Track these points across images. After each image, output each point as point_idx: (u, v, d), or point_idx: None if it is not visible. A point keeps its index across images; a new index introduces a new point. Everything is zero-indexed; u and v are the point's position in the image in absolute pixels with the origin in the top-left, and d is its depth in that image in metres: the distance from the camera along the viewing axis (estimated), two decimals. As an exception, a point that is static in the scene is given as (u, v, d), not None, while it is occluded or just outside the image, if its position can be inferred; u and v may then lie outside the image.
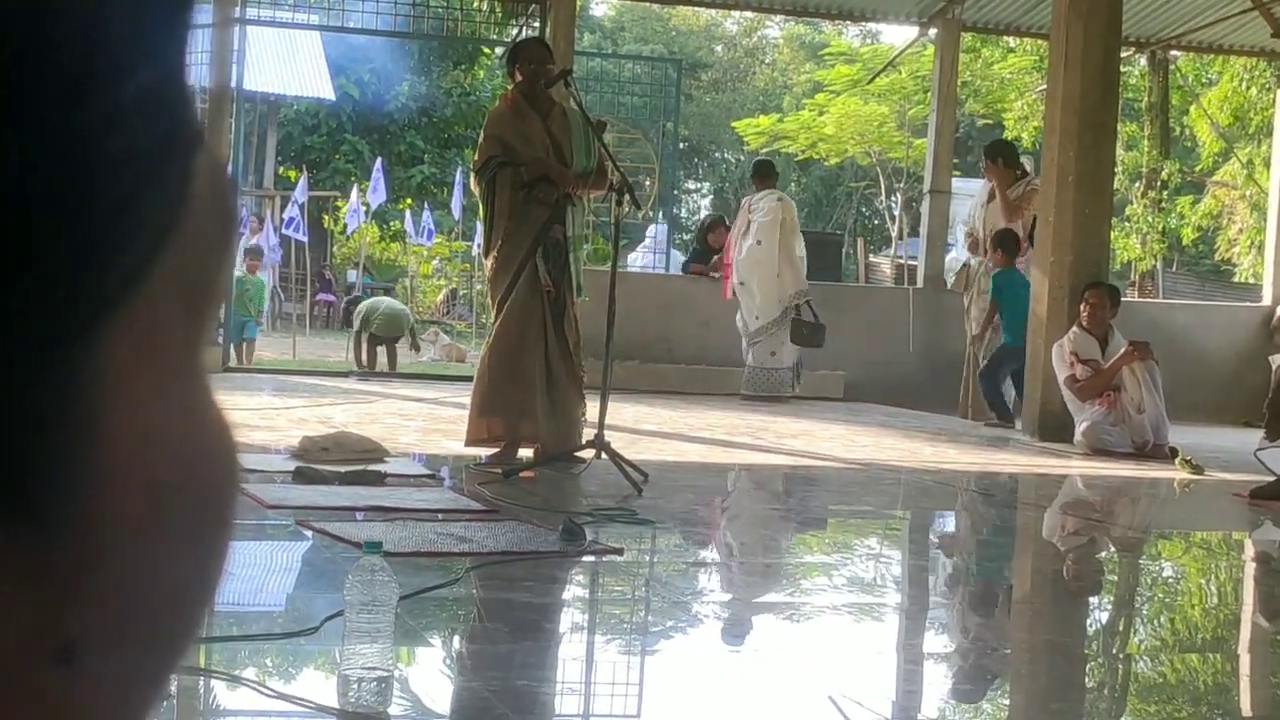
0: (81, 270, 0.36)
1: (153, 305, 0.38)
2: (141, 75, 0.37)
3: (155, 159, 0.37)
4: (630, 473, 7.94)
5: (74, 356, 0.36)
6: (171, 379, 0.40)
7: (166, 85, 0.38)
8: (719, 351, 15.93)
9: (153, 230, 0.38)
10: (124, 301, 0.37)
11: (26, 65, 0.34)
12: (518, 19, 16.92)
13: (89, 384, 0.37)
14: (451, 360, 20.18)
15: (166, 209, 0.38)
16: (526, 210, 8.49)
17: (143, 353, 0.38)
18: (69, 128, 0.35)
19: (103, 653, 0.38)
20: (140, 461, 0.39)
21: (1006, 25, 19.02)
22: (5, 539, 0.36)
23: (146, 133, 0.37)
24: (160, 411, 0.39)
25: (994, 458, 11.14)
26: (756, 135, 32.43)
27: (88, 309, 0.36)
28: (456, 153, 31.84)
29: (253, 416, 10.61)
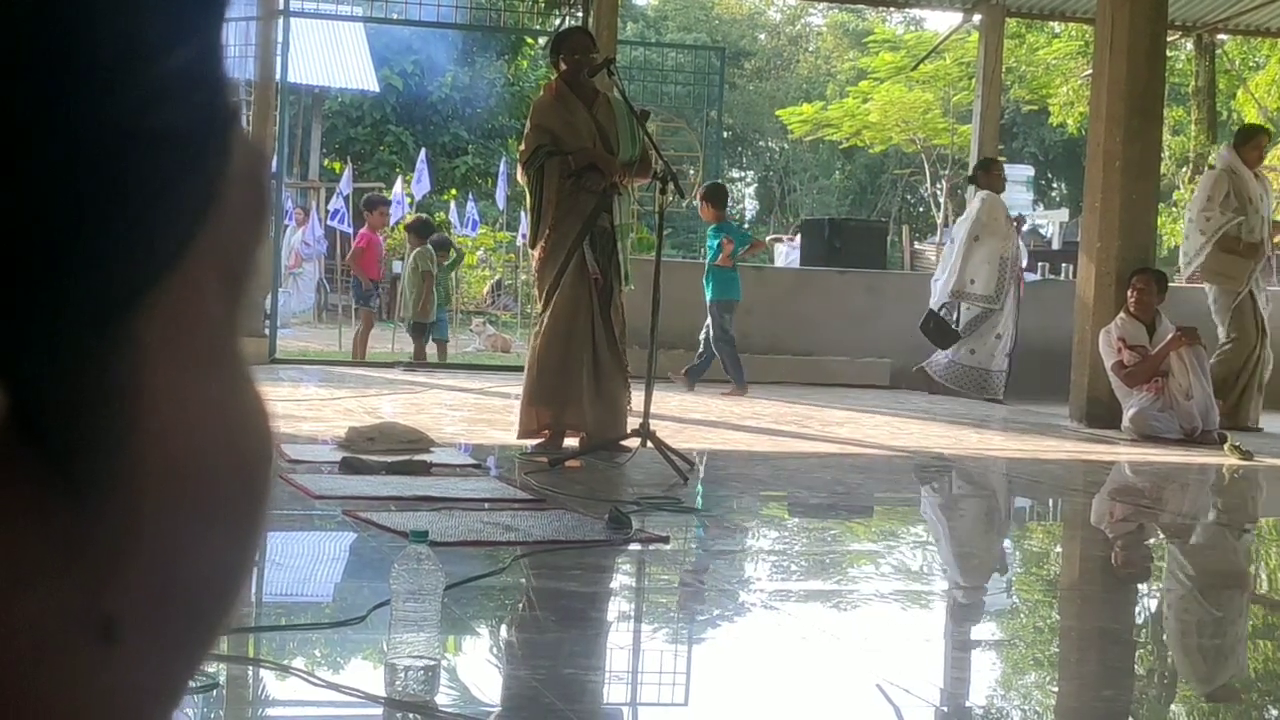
0: (122, 248, 0.36)
1: (191, 284, 0.38)
2: (179, 54, 0.37)
3: (193, 137, 0.37)
4: (676, 461, 7.94)
5: (115, 333, 0.36)
6: (209, 358, 0.40)
7: (203, 64, 0.38)
8: (763, 339, 15.90)
9: (191, 208, 0.38)
10: (164, 279, 0.37)
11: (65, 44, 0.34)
12: (561, 9, 16.92)
13: (129, 360, 0.37)
14: (496, 350, 20.20)
15: (204, 187, 0.38)
16: (574, 199, 8.49)
17: (182, 330, 0.38)
18: (108, 106, 0.35)
19: (140, 631, 0.39)
20: (178, 439, 0.38)
21: (1051, 10, 18.92)
22: (49, 511, 0.36)
23: (184, 111, 0.37)
24: (198, 390, 0.39)
25: (1041, 445, 11.09)
26: (800, 123, 32.35)
27: (128, 286, 0.36)
28: (500, 143, 31.86)
29: (299, 407, 10.65)
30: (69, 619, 0.37)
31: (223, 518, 0.41)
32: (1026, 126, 37.50)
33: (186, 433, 0.39)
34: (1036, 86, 29.36)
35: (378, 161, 31.73)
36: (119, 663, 0.38)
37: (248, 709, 3.93)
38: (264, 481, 0.42)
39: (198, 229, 0.38)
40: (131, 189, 0.35)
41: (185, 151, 0.37)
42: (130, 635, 0.38)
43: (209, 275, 0.39)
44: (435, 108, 32.53)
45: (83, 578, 0.37)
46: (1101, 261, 12.33)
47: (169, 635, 0.40)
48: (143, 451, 0.37)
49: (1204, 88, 23.67)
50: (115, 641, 0.38)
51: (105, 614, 0.38)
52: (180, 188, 0.37)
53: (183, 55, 0.37)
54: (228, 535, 0.41)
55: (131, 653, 0.39)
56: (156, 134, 0.36)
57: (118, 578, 0.38)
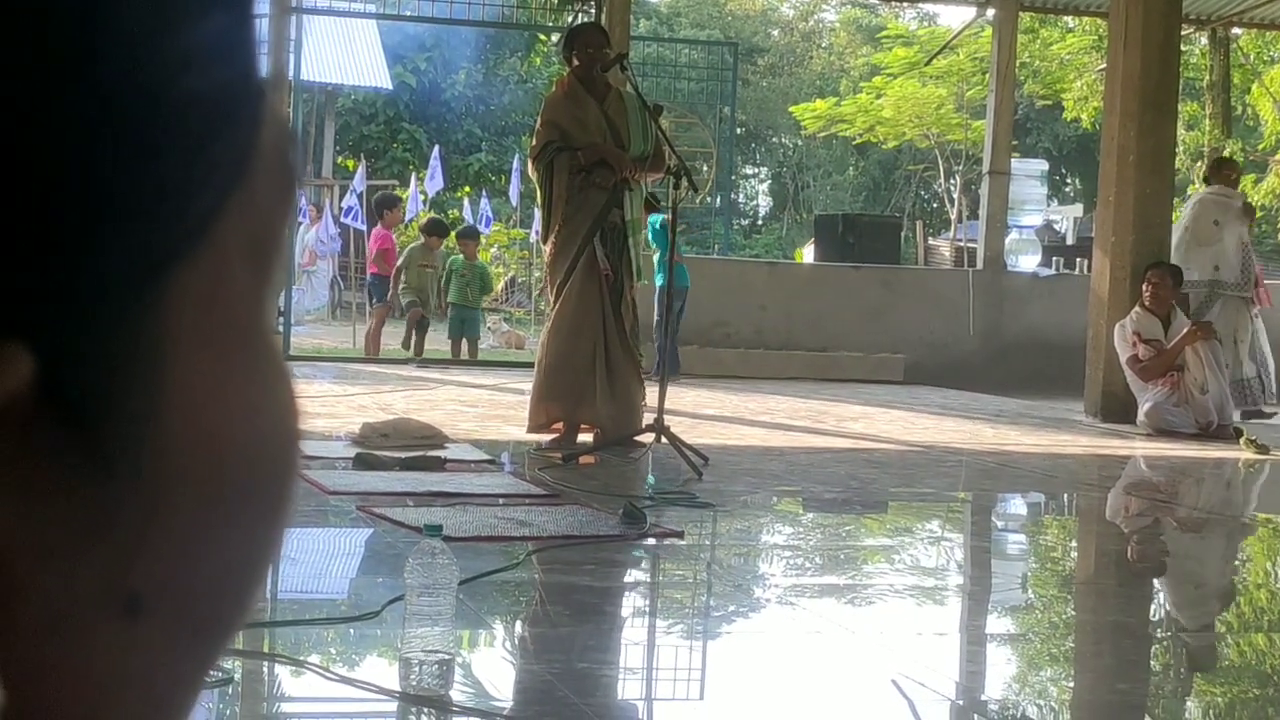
0: (151, 214, 0.35)
1: (220, 257, 0.38)
2: (210, 21, 0.37)
3: (224, 105, 0.37)
4: (690, 456, 7.94)
5: (145, 302, 0.36)
6: (238, 334, 0.40)
7: (234, 35, 0.38)
8: (777, 335, 15.90)
9: (221, 177, 0.37)
10: (193, 249, 0.37)
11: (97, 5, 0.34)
12: (574, 5, 16.91)
13: (158, 332, 0.37)
14: (510, 347, 20.21)
15: (234, 157, 0.38)
16: (584, 195, 8.49)
17: (211, 305, 0.38)
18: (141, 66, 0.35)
19: (163, 614, 0.38)
20: (206, 415, 0.38)
21: (1065, 4, 18.90)
22: (74, 483, 0.36)
23: (217, 76, 0.37)
24: (226, 366, 0.39)
25: (1056, 439, 11.07)
26: (814, 119, 32.29)
27: (158, 254, 0.36)
28: (514, 140, 31.86)
29: (313, 404, 10.66)
30: (91, 594, 0.37)
31: (250, 499, 0.40)
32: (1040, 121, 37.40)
33: (215, 409, 0.39)
34: (1050, 81, 29.27)
35: (391, 159, 31.74)
36: (141, 644, 0.38)
37: (263, 704, 3.93)
38: (291, 460, 0.42)
39: (227, 199, 0.38)
40: (161, 153, 0.35)
41: (216, 119, 0.37)
42: (153, 617, 0.38)
43: (237, 250, 0.39)
44: (449, 105, 32.53)
45: (107, 553, 0.37)
46: (1116, 256, 12.30)
47: (192, 621, 0.40)
48: (171, 427, 0.37)
49: (1218, 82, 23.61)
50: (138, 620, 0.38)
51: (129, 591, 0.37)
52: (210, 155, 0.37)
53: (214, 23, 0.37)
54: (254, 517, 0.41)
55: (154, 635, 0.38)
56: (187, 98, 0.36)
57: (143, 556, 0.37)
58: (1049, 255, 20.97)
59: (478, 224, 22.38)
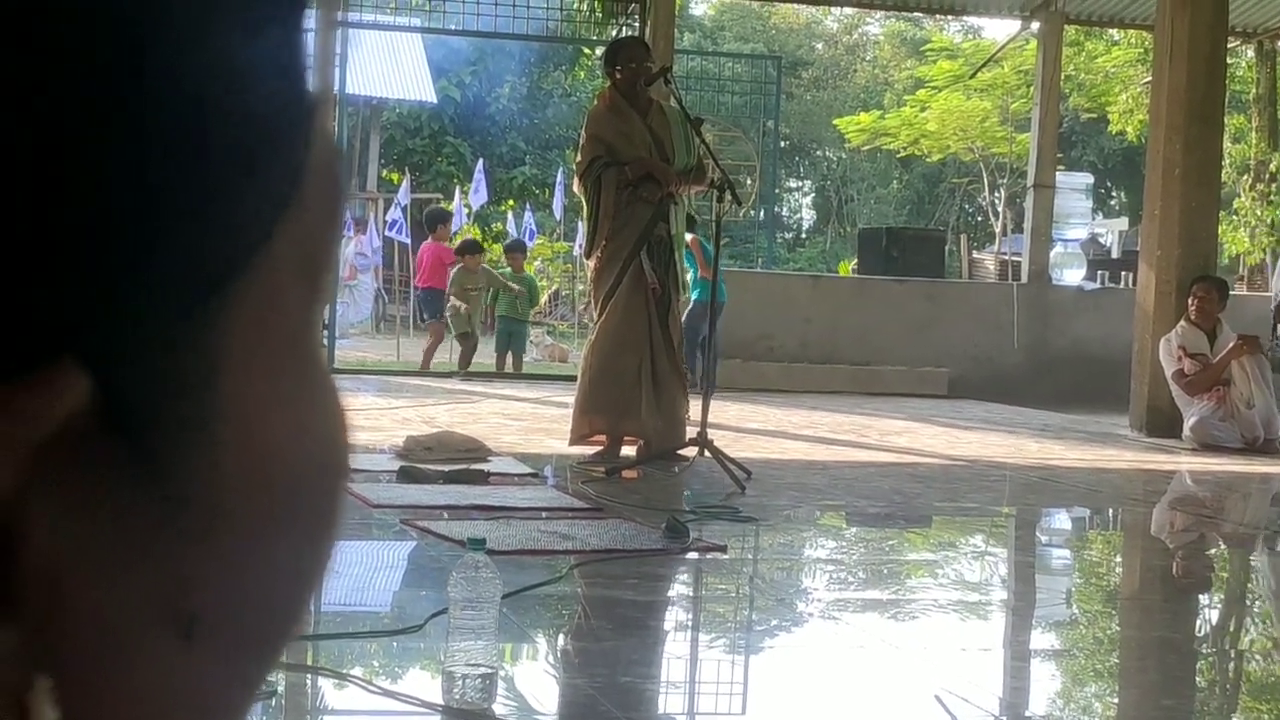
0: (204, 232, 0.36)
1: (273, 273, 0.38)
2: (263, 37, 0.37)
3: (277, 120, 0.37)
4: (733, 470, 7.93)
5: (199, 321, 0.36)
6: (290, 352, 0.40)
7: (286, 53, 0.38)
8: (821, 349, 15.88)
9: (273, 195, 0.38)
10: (247, 266, 0.37)
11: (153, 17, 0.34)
12: (618, 19, 16.92)
13: (213, 350, 0.37)
14: (554, 360, 20.23)
15: (286, 175, 0.38)
16: (631, 209, 8.49)
17: (263, 323, 0.38)
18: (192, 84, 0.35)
19: (216, 632, 0.38)
20: (259, 434, 0.38)
21: (1110, 17, 18.83)
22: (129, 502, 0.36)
23: (268, 93, 0.37)
24: (278, 384, 0.39)
25: (1101, 454, 11.02)
26: (858, 133, 32.25)
27: (212, 272, 0.36)
28: (558, 153, 31.91)
29: (357, 417, 10.69)
30: (146, 613, 0.37)
31: (300, 516, 0.41)
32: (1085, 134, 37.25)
33: (268, 427, 0.39)
34: (1095, 94, 29.15)
35: (435, 172, 31.82)
36: (194, 663, 0.38)
37: (306, 717, 3.95)
38: (340, 476, 0.42)
39: (279, 218, 0.38)
40: (214, 171, 0.35)
41: (267, 137, 0.37)
42: (207, 636, 0.38)
43: (288, 268, 0.39)
44: (493, 118, 32.60)
45: (162, 572, 0.37)
46: (1162, 270, 12.25)
47: (243, 638, 0.40)
48: (225, 445, 0.37)
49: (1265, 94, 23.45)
50: (192, 640, 0.38)
51: (186, 611, 0.38)
52: (263, 172, 0.37)
53: (266, 41, 0.37)
54: (305, 534, 0.41)
55: (207, 654, 0.38)
56: (239, 116, 0.36)
57: (196, 574, 0.38)
58: (1094, 269, 20.88)
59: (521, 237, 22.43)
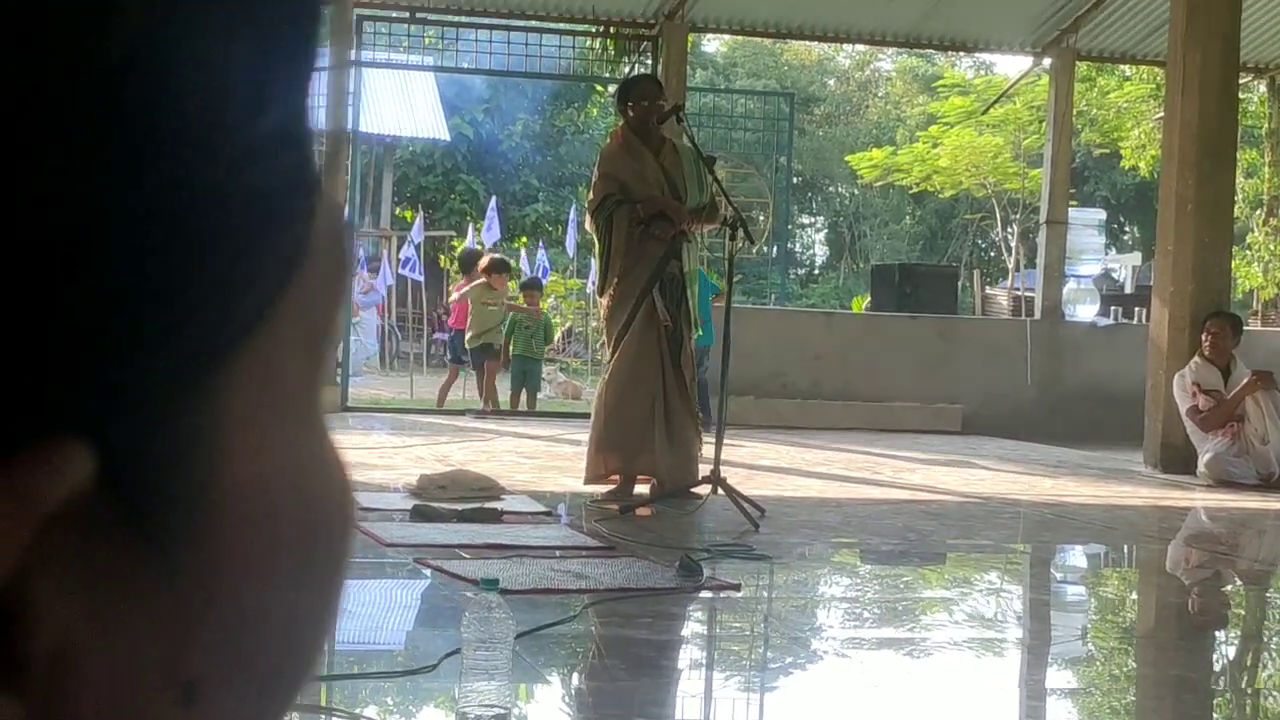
0: (206, 308, 0.36)
1: (276, 344, 0.39)
2: (268, 116, 0.37)
3: (279, 198, 0.37)
4: (747, 508, 7.92)
5: (200, 392, 0.36)
6: (292, 419, 0.40)
7: (291, 126, 0.38)
8: (833, 385, 15.87)
9: (277, 269, 0.38)
10: (250, 338, 0.37)
11: (156, 105, 0.34)
12: (630, 56, 16.99)
13: (212, 419, 0.37)
14: (567, 398, 20.23)
15: (289, 248, 0.38)
16: (643, 247, 8.51)
17: (266, 390, 0.39)
18: (196, 166, 0.35)
19: (221, 692, 0.38)
20: (258, 498, 0.39)
21: (1122, 54, 18.84)
22: (130, 569, 0.36)
23: (271, 172, 0.37)
24: (280, 450, 0.39)
25: (1115, 490, 10.99)
26: (870, 169, 32.27)
27: (213, 346, 0.36)
28: (571, 190, 31.97)
29: (370, 455, 10.69)
30: (147, 678, 0.37)
31: (303, 578, 0.41)
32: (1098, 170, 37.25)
33: (267, 491, 0.39)
34: (1108, 130, 29.17)
35: (449, 210, 31.89)
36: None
37: (319, 757, 3.94)
38: (343, 542, 0.42)
39: (283, 289, 0.38)
40: (217, 249, 0.36)
41: (271, 212, 0.37)
42: (210, 696, 0.38)
43: (292, 335, 0.39)
44: (506, 156, 32.68)
45: (163, 637, 0.37)
46: (1175, 305, 12.23)
47: (250, 695, 0.40)
48: (223, 510, 0.38)
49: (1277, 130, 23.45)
50: (194, 703, 0.38)
51: (186, 675, 0.38)
52: (265, 248, 0.37)
53: (273, 118, 0.37)
54: (307, 596, 0.41)
55: (211, 714, 0.38)
56: (243, 194, 0.36)
57: (199, 637, 0.38)
58: (1107, 304, 20.87)
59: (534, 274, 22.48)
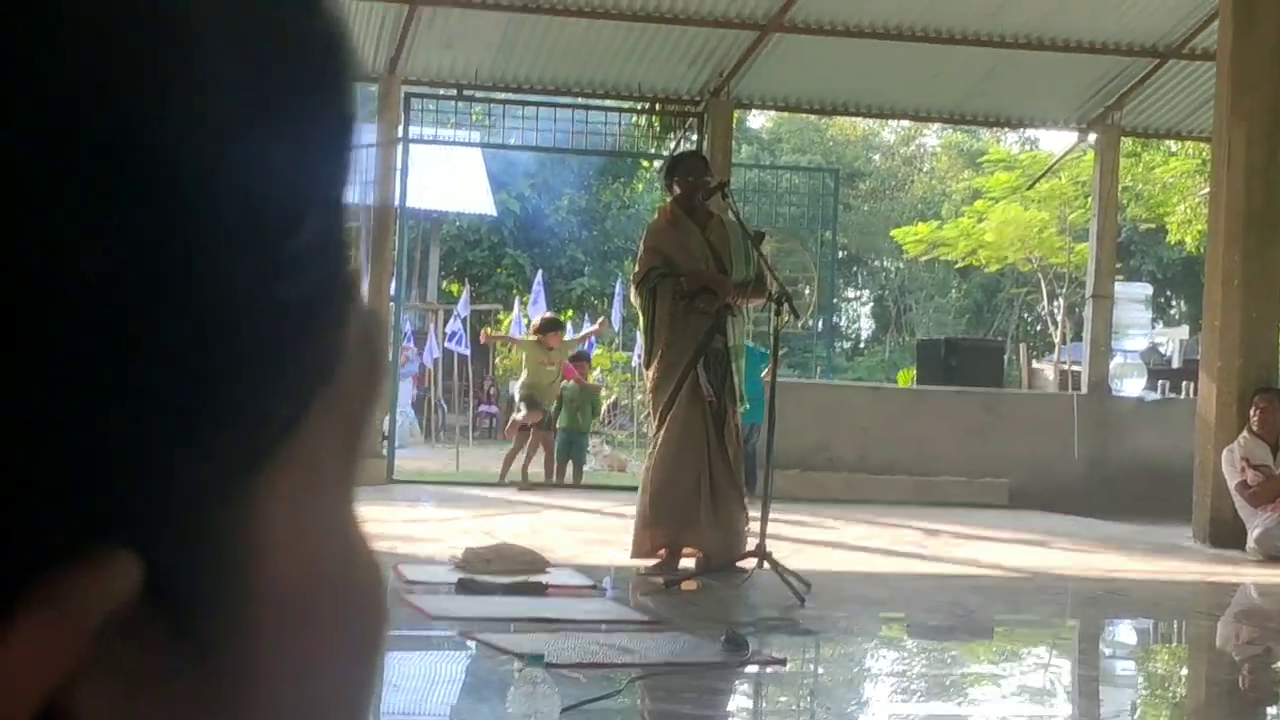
0: (249, 412, 0.37)
1: (313, 444, 0.40)
2: (304, 228, 0.38)
3: (317, 306, 0.38)
4: (793, 583, 7.90)
5: (243, 492, 0.38)
6: (327, 514, 0.41)
7: (326, 235, 0.39)
8: (880, 459, 15.83)
9: (314, 373, 0.39)
10: (287, 441, 0.38)
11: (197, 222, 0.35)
12: (675, 133, 17.09)
13: (255, 518, 0.38)
14: (613, 470, 20.23)
15: (324, 355, 0.39)
16: (687, 320, 8.54)
17: (303, 489, 0.40)
18: (237, 280, 0.36)
19: None
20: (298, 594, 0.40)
21: (1167, 130, 18.84)
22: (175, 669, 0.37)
23: (309, 282, 0.38)
24: (317, 545, 0.41)
25: (1164, 565, 10.92)
26: (915, 243, 32.27)
27: (255, 448, 0.37)
28: (616, 265, 32.06)
29: (417, 527, 10.71)
30: None
31: (339, 667, 0.42)
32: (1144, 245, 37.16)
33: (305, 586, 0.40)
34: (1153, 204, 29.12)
35: (495, 284, 32.03)
36: None
37: (366, 830, 3.93)
38: (378, 627, 0.43)
39: (317, 393, 0.39)
40: (256, 358, 0.37)
41: (307, 320, 0.38)
42: None
43: (328, 433, 0.40)
44: (552, 230, 32.83)
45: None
46: (1223, 380, 12.18)
47: None
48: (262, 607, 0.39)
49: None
50: None
51: None
52: (302, 354, 0.38)
53: (307, 229, 0.38)
54: (345, 684, 0.42)
55: None
56: (281, 305, 0.37)
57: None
58: (1154, 379, 20.79)
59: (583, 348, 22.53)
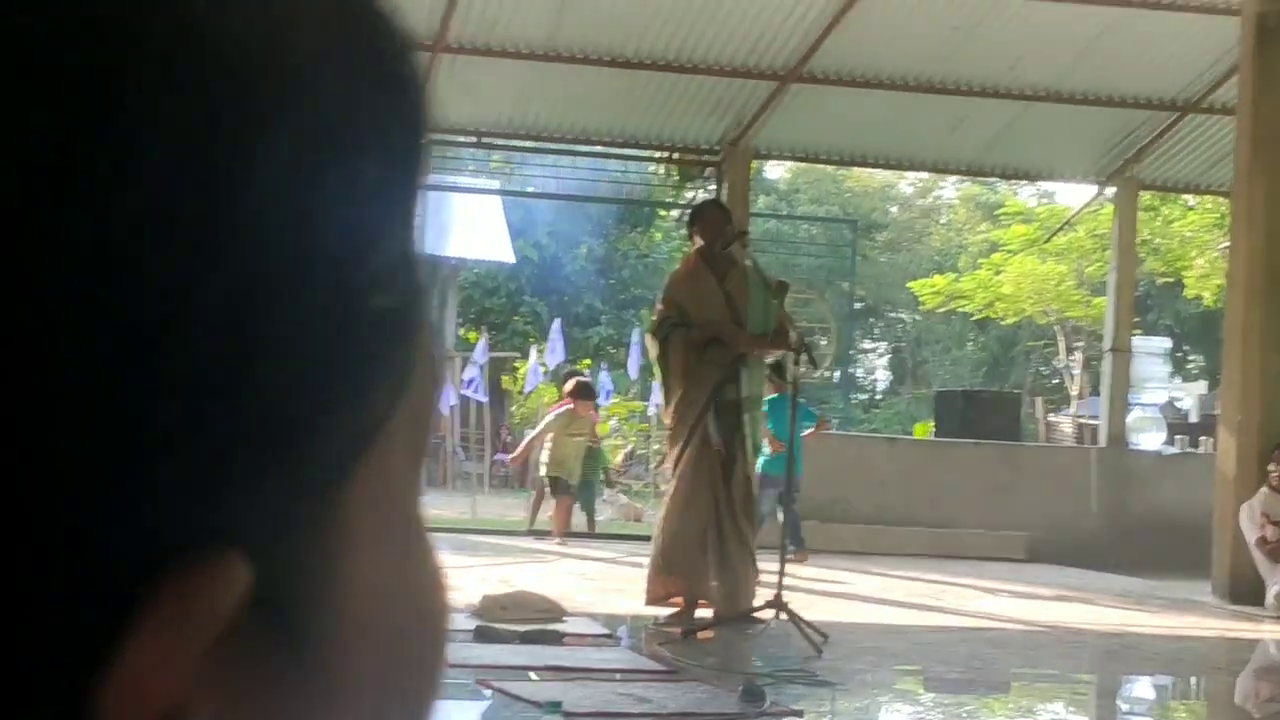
0: (343, 420, 0.38)
1: (390, 451, 0.40)
2: (387, 245, 0.40)
3: (401, 315, 0.40)
4: (810, 634, 7.88)
5: (336, 499, 0.38)
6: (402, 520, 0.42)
7: (404, 249, 0.41)
8: (896, 511, 15.80)
9: (398, 379, 0.40)
10: (371, 447, 0.39)
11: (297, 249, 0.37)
12: (694, 182, 17.14)
13: (342, 528, 0.39)
14: (628, 519, 20.20)
15: (409, 358, 0.40)
16: (700, 371, 8.55)
17: (383, 496, 0.41)
18: (334, 296, 0.37)
19: None
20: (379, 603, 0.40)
21: (1186, 184, 18.86)
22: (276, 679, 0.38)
23: (393, 294, 0.39)
24: (393, 554, 0.41)
25: (1183, 621, 10.87)
26: (932, 295, 32.34)
27: (347, 454, 0.38)
28: (634, 313, 32.11)
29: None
30: None
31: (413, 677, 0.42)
32: (1162, 298, 37.17)
33: (387, 598, 0.41)
34: (1171, 258, 29.15)
35: (512, 331, 32.07)
36: None
37: None
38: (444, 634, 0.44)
39: (400, 398, 0.40)
40: (356, 365, 0.38)
41: (394, 329, 0.40)
42: None
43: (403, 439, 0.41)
44: (569, 278, 32.89)
45: None
46: (1242, 435, 12.15)
47: None
48: (351, 619, 0.39)
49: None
50: None
51: None
52: (390, 362, 0.39)
53: (389, 245, 0.40)
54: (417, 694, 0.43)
55: None
56: (371, 316, 0.38)
57: None
58: (1172, 433, 20.75)
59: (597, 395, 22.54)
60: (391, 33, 0.41)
